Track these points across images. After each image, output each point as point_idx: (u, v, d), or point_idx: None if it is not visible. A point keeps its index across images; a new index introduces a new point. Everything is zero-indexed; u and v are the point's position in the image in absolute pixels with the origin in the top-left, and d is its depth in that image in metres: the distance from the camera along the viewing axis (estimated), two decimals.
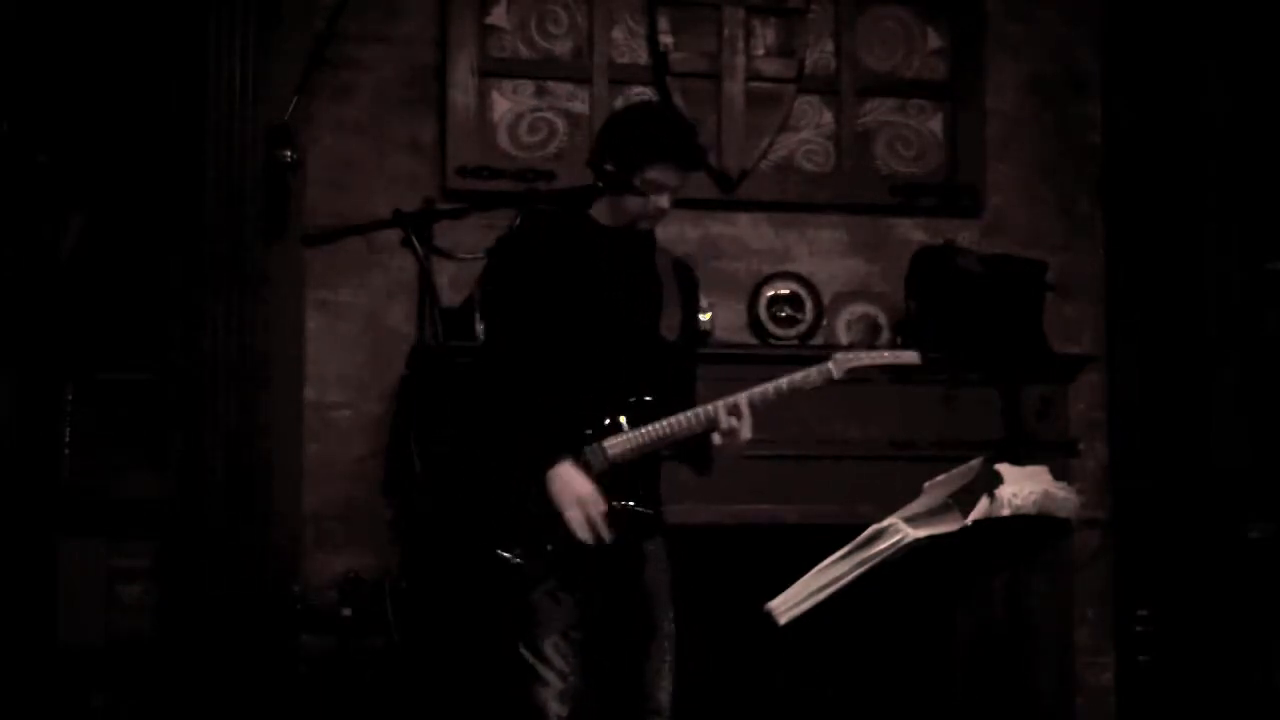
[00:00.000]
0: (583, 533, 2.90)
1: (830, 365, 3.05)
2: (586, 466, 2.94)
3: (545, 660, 2.93)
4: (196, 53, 4.12)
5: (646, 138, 3.06)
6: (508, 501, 2.94)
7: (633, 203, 3.03)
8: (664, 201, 3.05)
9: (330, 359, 4.37)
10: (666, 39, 4.59)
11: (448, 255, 4.22)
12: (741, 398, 2.97)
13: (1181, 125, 4.65)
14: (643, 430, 2.97)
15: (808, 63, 4.70)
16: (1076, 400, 4.68)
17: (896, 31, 4.80)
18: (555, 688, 2.93)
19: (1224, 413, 4.52)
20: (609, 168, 3.03)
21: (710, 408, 2.97)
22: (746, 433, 2.96)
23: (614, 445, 2.96)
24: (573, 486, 2.90)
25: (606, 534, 2.92)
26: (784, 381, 3.02)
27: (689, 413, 2.98)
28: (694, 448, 3.03)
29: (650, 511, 3.03)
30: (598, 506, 2.91)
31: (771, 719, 4.29)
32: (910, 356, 3.14)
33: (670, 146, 3.05)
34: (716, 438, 2.96)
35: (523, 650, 2.94)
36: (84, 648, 4.04)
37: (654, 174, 3.01)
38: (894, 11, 4.79)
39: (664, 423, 2.97)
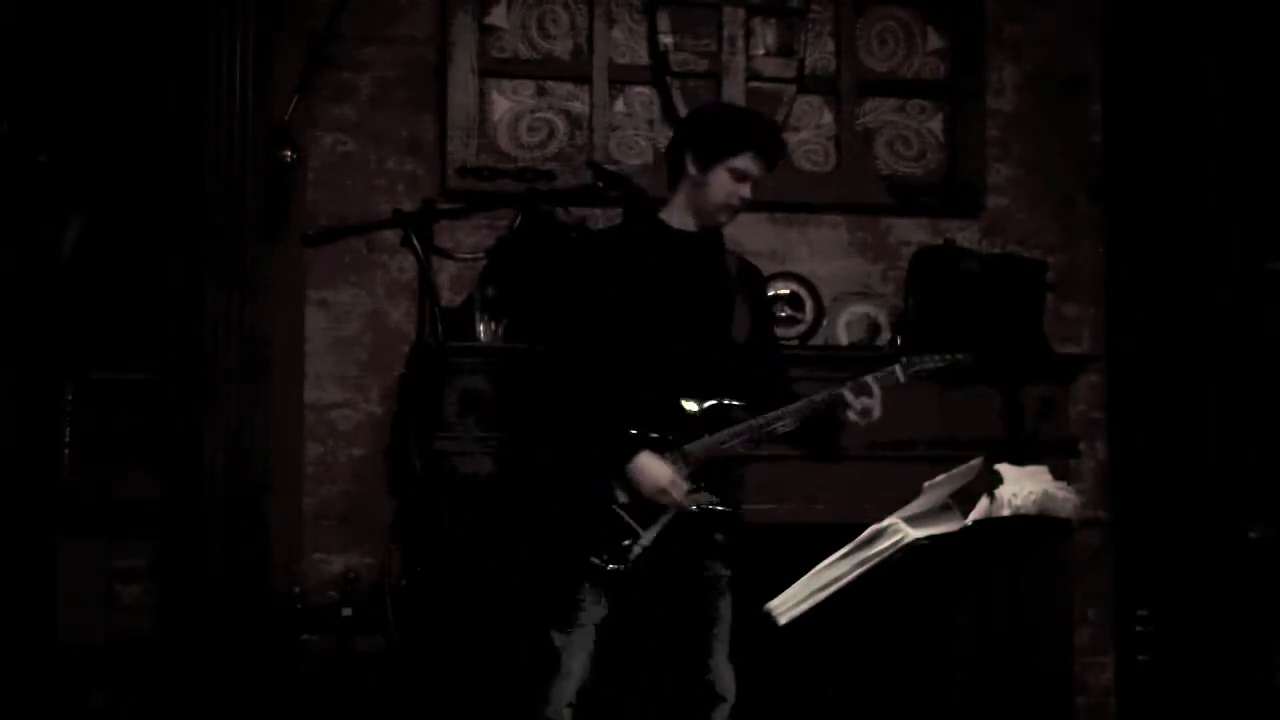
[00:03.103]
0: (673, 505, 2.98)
1: (895, 369, 3.13)
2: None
3: (574, 651, 3.01)
4: (196, 53, 4.11)
5: (730, 127, 3.19)
6: (592, 505, 2.97)
7: (715, 194, 3.07)
8: (745, 191, 3.14)
9: (330, 359, 4.37)
10: (666, 39, 4.59)
11: (448, 255, 4.22)
12: (868, 378, 3.07)
13: (1181, 126, 4.65)
14: (726, 433, 3.02)
15: (808, 63, 4.70)
16: (1076, 400, 4.68)
17: (896, 31, 4.80)
18: (576, 676, 3.01)
19: (1224, 412, 4.52)
20: (690, 161, 3.10)
21: (829, 394, 3.05)
22: (878, 411, 3.06)
23: (695, 447, 3.03)
24: (654, 475, 2.98)
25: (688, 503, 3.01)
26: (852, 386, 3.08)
27: (800, 404, 3.05)
28: (818, 435, 3.11)
29: (730, 509, 3.10)
30: (679, 489, 2.99)
31: (771, 719, 4.29)
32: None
33: (753, 135, 3.16)
34: (853, 415, 3.01)
35: (554, 634, 3.01)
36: (84, 648, 4.03)
37: (737, 162, 3.08)
38: (894, 11, 4.80)
39: (758, 420, 3.03)
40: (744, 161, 3.11)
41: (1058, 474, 2.95)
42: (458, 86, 4.47)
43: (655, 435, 3.03)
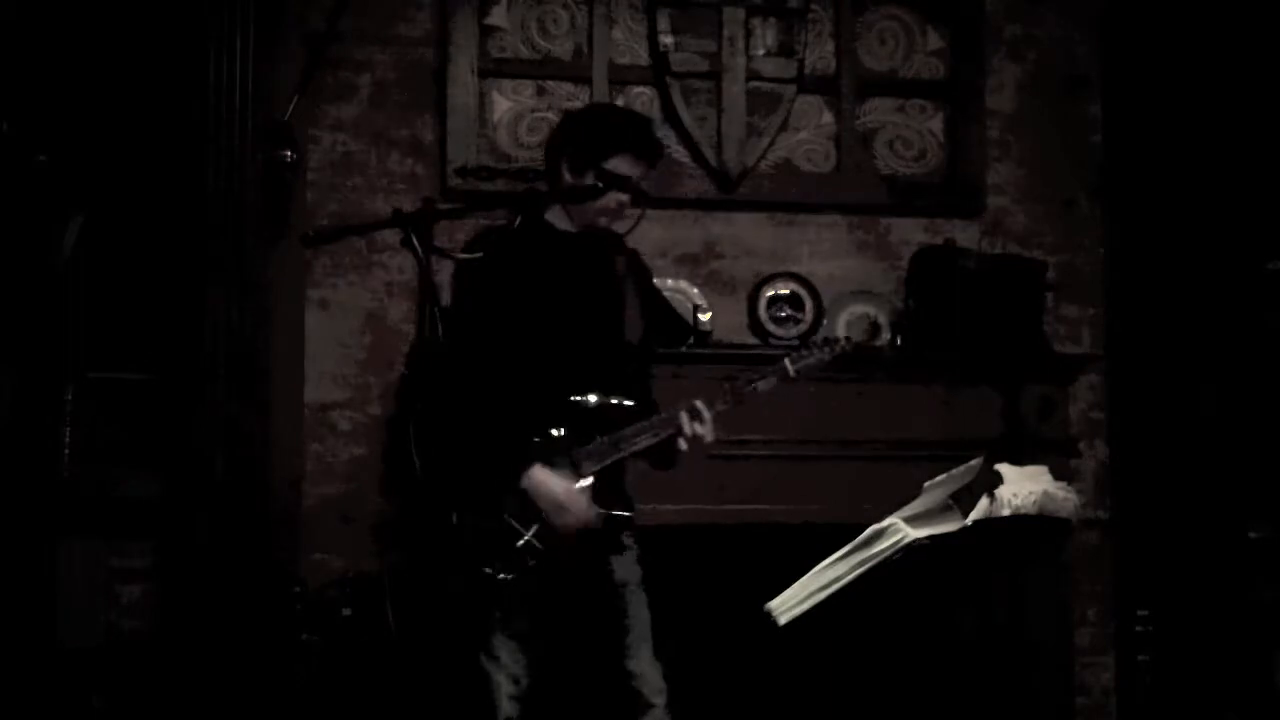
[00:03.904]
0: (570, 528, 2.93)
1: (786, 363, 3.06)
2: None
3: (499, 664, 2.98)
4: (196, 53, 4.12)
5: (602, 130, 3.10)
6: (486, 514, 2.95)
7: (596, 199, 3.03)
8: (624, 195, 3.06)
9: (330, 359, 4.37)
10: (666, 39, 4.59)
11: (448, 255, 4.20)
12: (700, 402, 3.00)
13: (1181, 126, 4.65)
14: (611, 439, 2.99)
15: (808, 63, 4.70)
16: (1076, 400, 4.69)
17: (896, 31, 4.80)
18: (507, 690, 2.98)
19: (1224, 413, 4.52)
20: (566, 168, 3.05)
21: (672, 414, 3.00)
22: (710, 436, 2.99)
23: (588, 457, 2.99)
24: (550, 492, 2.93)
25: (594, 520, 2.95)
26: (742, 382, 3.05)
27: (654, 419, 3.00)
28: (658, 450, 3.04)
29: (628, 514, 3.05)
30: (580, 505, 2.94)
31: (771, 719, 4.29)
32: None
33: (626, 137, 3.07)
34: (682, 443, 2.98)
35: (480, 656, 2.99)
36: (84, 648, 4.03)
37: (614, 165, 3.02)
38: (894, 11, 4.80)
39: (630, 430, 3.00)
40: (618, 163, 3.03)
41: (1058, 474, 2.95)
42: (458, 86, 4.47)
43: (539, 440, 2.98)
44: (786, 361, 3.07)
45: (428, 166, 4.46)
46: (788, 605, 2.62)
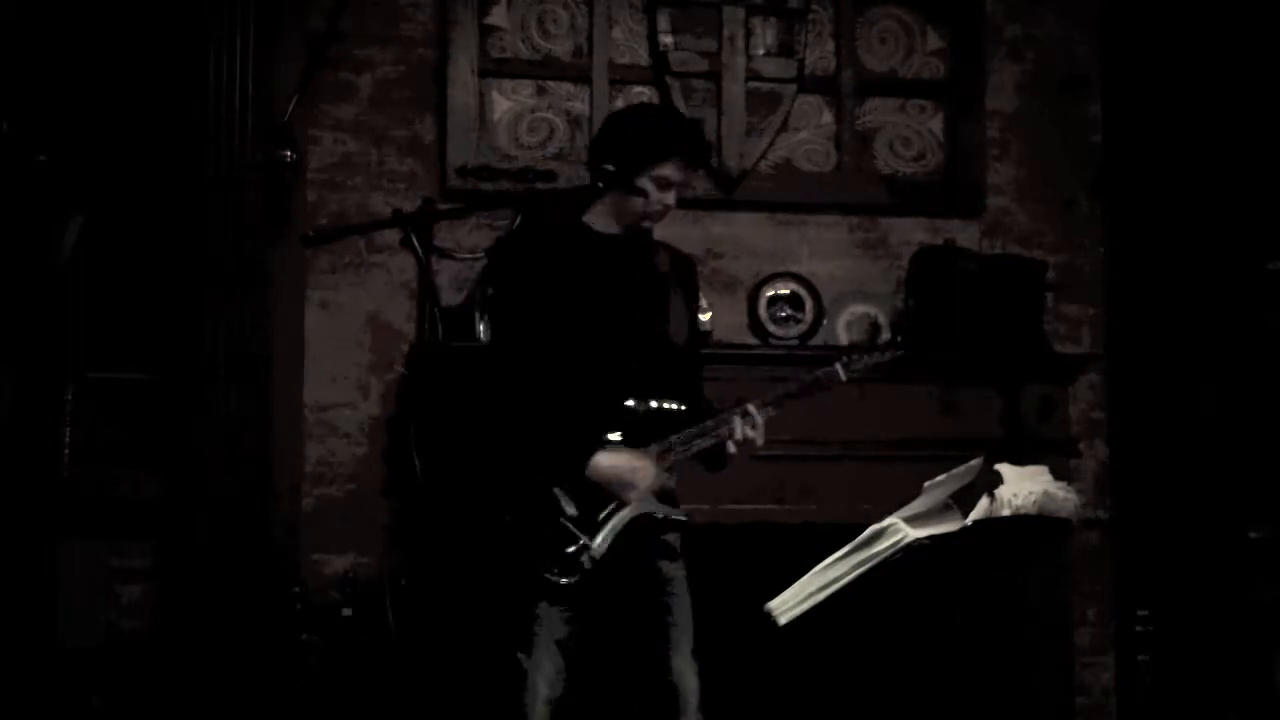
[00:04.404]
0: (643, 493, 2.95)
1: (837, 367, 3.06)
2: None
3: (539, 667, 2.95)
4: (196, 52, 4.12)
5: (653, 135, 3.06)
6: (540, 517, 2.94)
7: (636, 203, 3.02)
8: (670, 199, 3.05)
9: (330, 359, 4.37)
10: (666, 39, 4.59)
11: (448, 255, 4.22)
12: (753, 406, 3.00)
13: (1181, 126, 4.65)
14: (667, 443, 2.99)
15: (808, 63, 4.70)
16: (1076, 400, 4.69)
17: (896, 31, 4.80)
18: (543, 694, 2.95)
19: (1224, 413, 4.52)
20: (610, 168, 3.03)
21: (726, 416, 3.00)
22: (760, 440, 3.00)
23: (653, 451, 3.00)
24: (613, 463, 2.93)
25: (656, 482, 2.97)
26: (794, 387, 3.04)
27: (708, 423, 3.00)
28: (710, 452, 3.04)
29: (683, 518, 3.06)
30: (647, 470, 2.95)
31: (771, 719, 4.29)
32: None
33: (677, 142, 3.05)
34: (731, 446, 2.98)
35: (520, 656, 2.96)
36: (84, 648, 4.03)
37: (663, 170, 3.01)
38: (894, 11, 4.80)
39: (687, 433, 3.00)
40: (668, 170, 3.01)
41: (1058, 474, 2.95)
42: (458, 86, 4.47)
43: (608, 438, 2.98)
44: (838, 365, 3.06)
45: (428, 166, 4.46)
46: (788, 605, 2.62)
